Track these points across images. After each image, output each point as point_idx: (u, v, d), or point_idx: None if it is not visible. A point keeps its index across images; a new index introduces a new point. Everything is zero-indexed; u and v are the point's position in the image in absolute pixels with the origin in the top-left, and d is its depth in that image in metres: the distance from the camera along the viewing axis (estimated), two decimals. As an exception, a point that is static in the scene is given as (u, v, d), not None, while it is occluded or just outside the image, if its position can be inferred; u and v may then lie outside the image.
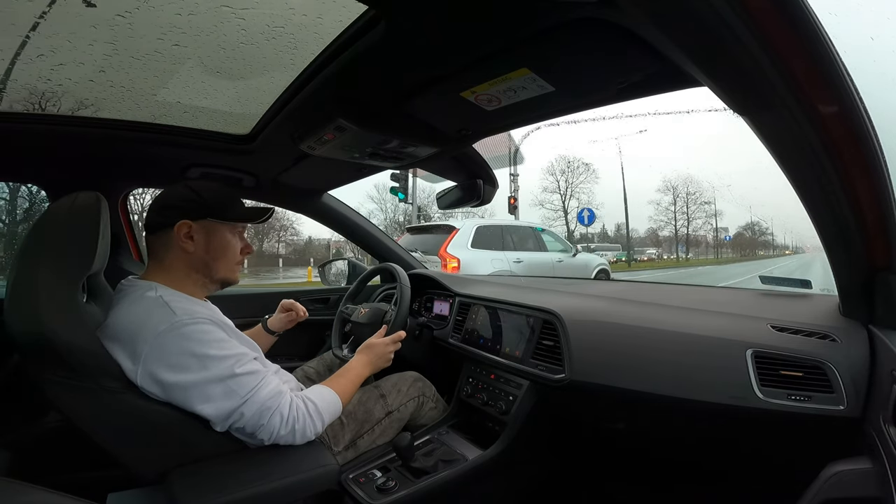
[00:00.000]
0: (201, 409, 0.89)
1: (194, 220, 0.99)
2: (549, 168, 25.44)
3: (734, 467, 1.22)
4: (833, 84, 0.60)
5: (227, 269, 1.06)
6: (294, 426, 0.94)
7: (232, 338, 0.95)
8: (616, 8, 0.62)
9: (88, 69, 1.01)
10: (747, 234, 36.93)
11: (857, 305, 0.95)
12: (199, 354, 0.88)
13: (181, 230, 0.98)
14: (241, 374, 0.91)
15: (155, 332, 0.87)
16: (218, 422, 0.91)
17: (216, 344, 0.90)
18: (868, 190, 0.71)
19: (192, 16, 0.84)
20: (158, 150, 1.43)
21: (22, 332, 0.83)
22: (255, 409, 0.90)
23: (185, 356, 0.87)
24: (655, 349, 1.10)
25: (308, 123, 1.14)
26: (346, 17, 0.81)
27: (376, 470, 1.22)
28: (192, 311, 0.92)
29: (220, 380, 0.89)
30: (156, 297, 0.92)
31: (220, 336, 0.92)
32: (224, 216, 1.03)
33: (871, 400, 0.84)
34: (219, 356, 0.89)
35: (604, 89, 0.93)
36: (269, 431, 0.92)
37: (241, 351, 0.94)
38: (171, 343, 0.87)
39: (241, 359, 0.92)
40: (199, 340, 0.89)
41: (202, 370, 0.88)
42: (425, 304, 1.97)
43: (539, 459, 1.42)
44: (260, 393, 0.91)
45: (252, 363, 0.94)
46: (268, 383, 0.94)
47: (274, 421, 0.92)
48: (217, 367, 0.89)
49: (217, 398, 0.89)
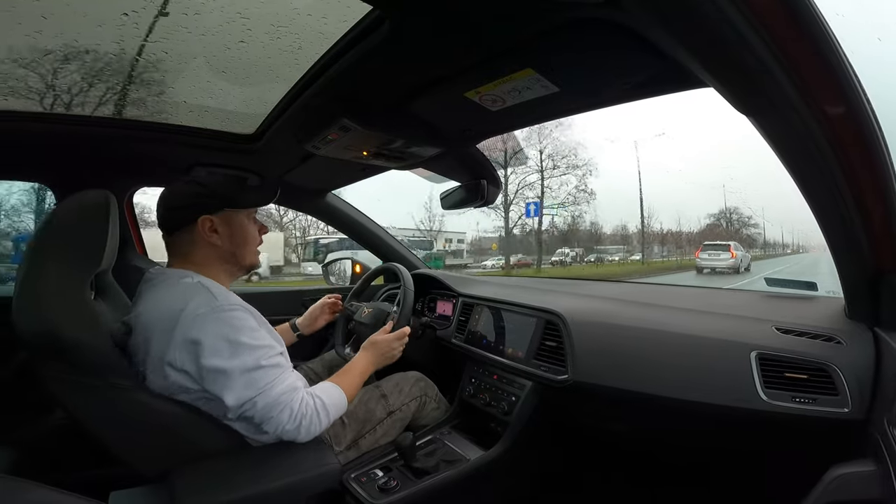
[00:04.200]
0: (224, 395, 0.90)
1: (213, 213, 1.01)
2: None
3: (737, 469, 1.21)
4: (839, 84, 0.59)
5: (251, 255, 1.09)
6: (301, 422, 0.95)
7: (262, 328, 0.97)
8: (620, 8, 0.62)
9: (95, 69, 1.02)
10: (722, 224, 28.54)
11: (862, 308, 0.95)
12: (233, 340, 0.90)
13: (205, 225, 1.00)
14: (266, 366, 0.92)
15: (195, 314, 0.89)
16: (233, 410, 0.92)
17: (249, 332, 0.93)
18: (874, 191, 0.71)
19: (198, 16, 0.84)
20: (165, 149, 1.44)
21: (30, 330, 0.84)
22: (269, 402, 0.92)
23: (220, 340, 0.89)
24: (659, 351, 1.09)
25: (312, 123, 1.14)
26: (351, 18, 0.81)
27: (378, 470, 1.22)
28: (230, 298, 0.94)
29: (246, 370, 0.90)
30: (195, 283, 0.95)
31: (254, 325, 0.95)
32: (238, 204, 1.05)
33: (876, 402, 0.83)
34: (250, 345, 0.91)
35: (609, 90, 0.93)
36: (276, 425, 0.93)
37: (270, 343, 0.96)
38: (207, 325, 0.89)
39: (268, 351, 0.94)
40: (234, 327, 0.91)
41: (232, 357, 0.89)
42: (428, 303, 1.96)
43: (541, 460, 1.42)
44: (276, 387, 0.93)
45: (277, 357, 0.96)
46: (286, 378, 0.95)
47: (283, 416, 0.93)
48: (247, 355, 0.90)
49: (239, 387, 0.90)
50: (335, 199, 2.01)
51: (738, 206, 28.72)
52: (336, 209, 2.03)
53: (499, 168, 1.80)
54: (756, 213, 29.78)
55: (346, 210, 2.06)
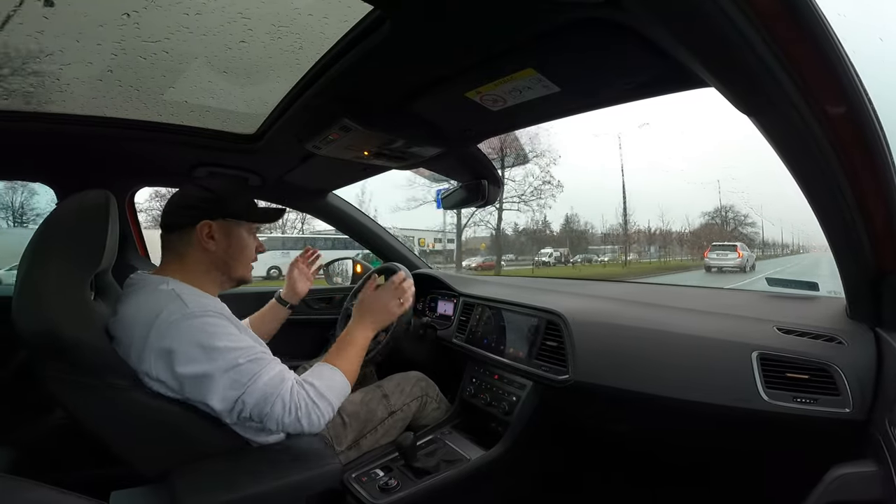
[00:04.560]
0: (210, 400, 0.89)
1: (214, 219, 1.01)
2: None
3: (738, 469, 1.21)
4: (841, 84, 0.59)
5: (244, 269, 1.08)
6: (297, 413, 0.92)
7: (241, 332, 0.96)
8: (621, 8, 0.62)
9: (96, 68, 1.02)
10: (716, 223, 26.12)
11: (864, 308, 0.95)
12: (207, 346, 0.88)
13: (203, 230, 1.00)
14: (244, 363, 0.90)
15: (167, 322, 0.88)
16: (225, 413, 0.91)
17: (224, 336, 0.91)
18: (876, 192, 0.71)
19: (199, 15, 0.84)
20: (166, 150, 1.44)
21: (29, 329, 0.84)
22: (257, 397, 0.89)
23: (194, 347, 0.88)
24: (660, 351, 1.09)
25: (313, 123, 1.14)
26: (352, 17, 0.81)
27: (379, 469, 1.22)
28: (203, 304, 0.93)
29: (225, 371, 0.88)
30: (168, 290, 0.93)
31: (229, 329, 0.93)
32: (242, 217, 1.05)
33: (877, 403, 0.83)
34: (226, 347, 0.90)
35: (610, 89, 0.93)
36: (275, 420, 0.91)
37: (249, 344, 0.94)
38: (180, 333, 0.88)
39: (247, 350, 0.92)
40: (207, 332, 0.89)
41: (209, 362, 0.88)
42: (429, 303, 1.97)
43: (541, 460, 1.42)
44: (260, 380, 0.90)
45: (258, 354, 0.94)
46: (270, 370, 0.92)
47: (277, 408, 0.90)
48: (223, 358, 0.89)
49: (222, 389, 0.89)
50: (336, 199, 2.01)
51: (734, 204, 27.20)
52: (337, 209, 2.03)
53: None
54: (753, 212, 28.21)
55: (346, 210, 2.06)
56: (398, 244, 2.20)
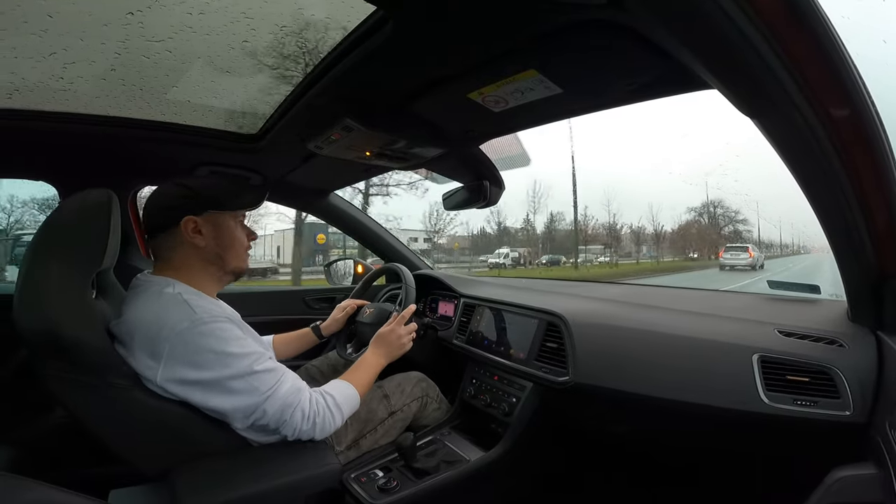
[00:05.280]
0: (221, 404, 0.90)
1: (197, 214, 1.00)
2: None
3: (738, 472, 1.21)
4: (844, 87, 0.59)
5: (238, 259, 1.08)
6: (315, 420, 0.96)
7: (247, 336, 0.97)
8: (623, 9, 0.62)
9: (100, 67, 1.02)
10: (703, 221, 23.59)
11: (865, 311, 0.95)
12: (219, 352, 0.89)
13: (188, 226, 0.99)
14: (261, 371, 0.92)
15: (176, 331, 0.88)
16: (238, 418, 0.92)
17: (235, 342, 0.92)
18: (878, 194, 0.71)
19: (203, 15, 0.85)
20: (168, 149, 1.44)
21: (30, 328, 0.84)
22: (278, 406, 0.92)
23: (206, 353, 0.88)
24: (660, 353, 1.09)
25: (315, 123, 1.14)
26: (355, 18, 0.82)
27: (378, 470, 1.21)
28: (210, 309, 0.93)
29: (241, 376, 0.90)
30: (174, 294, 0.93)
31: (238, 334, 0.94)
32: (224, 206, 1.04)
33: (878, 406, 0.83)
34: (238, 353, 0.91)
35: (612, 91, 0.93)
36: (293, 427, 0.94)
37: (258, 350, 0.95)
38: (191, 341, 0.88)
39: (259, 357, 0.94)
40: (218, 338, 0.90)
41: (223, 367, 0.89)
42: (430, 304, 1.96)
43: (541, 461, 1.42)
44: (280, 390, 0.93)
45: (269, 361, 0.96)
46: (286, 380, 0.96)
47: (296, 417, 0.94)
48: (237, 364, 0.90)
49: (238, 394, 0.90)
50: (337, 199, 2.01)
51: (722, 199, 25.76)
52: (338, 209, 2.04)
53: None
54: (745, 207, 26.89)
55: (347, 210, 2.07)
56: (399, 244, 2.20)
